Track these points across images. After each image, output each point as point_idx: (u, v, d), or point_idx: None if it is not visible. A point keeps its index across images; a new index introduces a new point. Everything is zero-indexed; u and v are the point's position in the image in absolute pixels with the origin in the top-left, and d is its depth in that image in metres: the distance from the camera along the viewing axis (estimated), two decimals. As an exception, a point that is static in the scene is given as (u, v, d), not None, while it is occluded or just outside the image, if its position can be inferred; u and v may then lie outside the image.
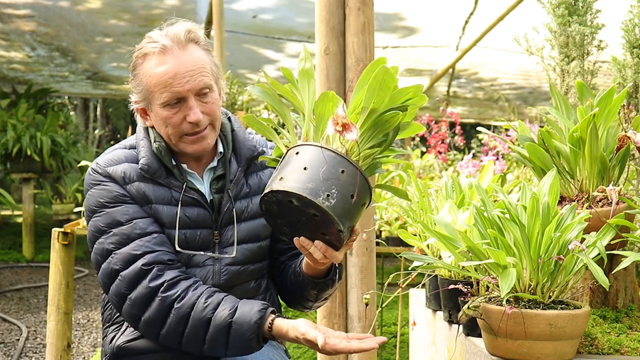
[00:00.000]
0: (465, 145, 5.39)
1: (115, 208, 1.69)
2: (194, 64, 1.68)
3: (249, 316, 1.58)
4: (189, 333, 1.61)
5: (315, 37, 2.78)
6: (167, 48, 1.67)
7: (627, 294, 1.67)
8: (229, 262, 1.75)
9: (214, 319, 1.59)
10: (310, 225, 1.45)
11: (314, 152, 1.40)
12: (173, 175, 1.75)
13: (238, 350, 1.61)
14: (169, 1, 5.97)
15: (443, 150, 4.69)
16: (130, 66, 1.75)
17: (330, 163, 1.38)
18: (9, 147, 7.54)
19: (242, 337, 1.58)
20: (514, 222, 1.41)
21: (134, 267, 1.64)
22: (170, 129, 1.70)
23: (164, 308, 1.61)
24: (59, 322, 2.41)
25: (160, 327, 1.63)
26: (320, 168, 1.37)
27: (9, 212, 10.19)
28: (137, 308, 1.63)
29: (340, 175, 1.39)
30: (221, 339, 1.59)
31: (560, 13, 2.18)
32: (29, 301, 5.89)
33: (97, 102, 17.59)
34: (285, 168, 1.42)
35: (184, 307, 1.61)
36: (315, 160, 1.39)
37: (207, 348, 1.62)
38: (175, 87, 1.66)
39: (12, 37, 6.86)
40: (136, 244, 1.65)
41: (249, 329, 1.57)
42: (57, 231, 3.06)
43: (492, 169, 2.36)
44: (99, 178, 1.73)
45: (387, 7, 5.70)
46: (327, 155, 1.39)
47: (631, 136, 1.60)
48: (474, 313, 1.43)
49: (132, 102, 1.76)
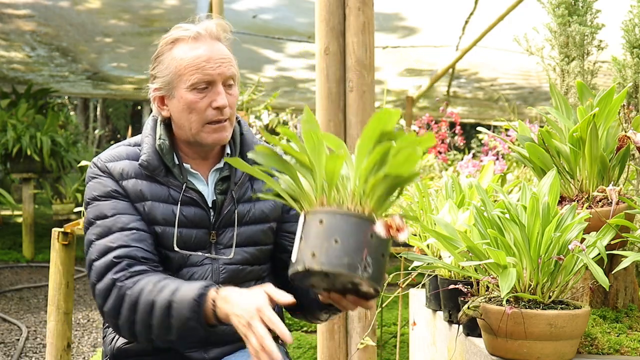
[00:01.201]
0: (465, 145, 5.38)
1: (105, 202, 1.70)
2: (225, 54, 1.73)
3: (188, 294, 1.51)
4: (139, 320, 1.57)
5: (315, 37, 2.78)
6: (200, 35, 1.72)
7: (627, 294, 1.67)
8: (227, 262, 1.75)
9: (156, 302, 1.55)
10: (345, 287, 1.42)
11: (339, 221, 1.34)
12: (172, 174, 1.75)
13: (183, 333, 1.54)
14: (169, 1, 5.97)
15: (443, 150, 4.69)
16: (154, 56, 1.77)
17: (359, 230, 1.33)
18: (9, 147, 7.54)
19: (182, 318, 1.51)
20: (514, 222, 1.41)
21: (105, 259, 1.64)
22: (194, 114, 1.71)
23: (119, 297, 1.60)
24: (59, 322, 2.41)
25: (117, 317, 1.60)
26: (350, 238, 1.32)
27: (9, 212, 10.19)
28: (100, 298, 1.63)
29: (371, 240, 1.34)
30: (165, 321, 1.54)
31: (560, 13, 2.18)
32: (29, 301, 5.89)
33: (97, 102, 17.59)
34: (312, 239, 1.35)
35: (134, 294, 1.58)
36: (343, 230, 1.33)
37: (157, 335, 1.57)
38: (207, 70, 1.68)
39: (12, 37, 6.86)
40: (114, 237, 1.66)
41: (187, 307, 1.51)
42: (57, 231, 3.06)
43: (492, 169, 2.36)
44: (97, 172, 1.74)
45: (387, 7, 5.69)
46: (355, 223, 1.34)
47: (631, 136, 1.60)
48: (474, 313, 1.43)
49: (151, 90, 1.76)
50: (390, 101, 9.97)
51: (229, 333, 1.74)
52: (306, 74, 8.06)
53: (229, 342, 1.77)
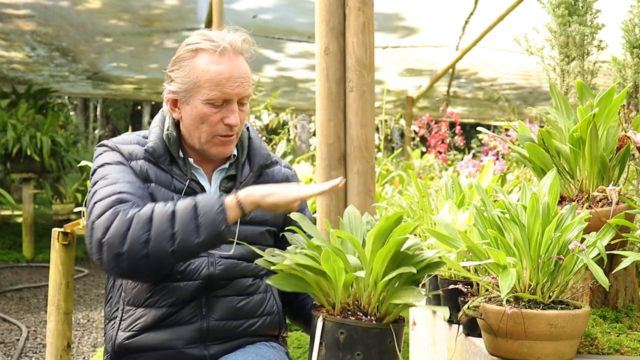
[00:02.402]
0: (465, 145, 5.39)
1: (114, 166, 1.74)
2: (245, 72, 1.76)
3: (211, 195, 1.62)
4: (155, 235, 1.56)
5: (315, 37, 2.78)
6: (226, 50, 1.74)
7: (627, 294, 1.67)
8: (224, 255, 1.77)
9: (177, 210, 1.59)
10: None
11: (361, 333, 1.43)
12: (177, 165, 1.79)
13: (210, 230, 1.57)
14: (169, 1, 5.96)
15: (443, 150, 4.69)
16: (174, 58, 1.79)
17: (379, 340, 1.43)
18: (9, 147, 7.54)
19: (210, 212, 1.57)
20: (514, 222, 1.41)
21: (109, 198, 1.63)
22: (205, 126, 1.75)
23: (125, 221, 1.58)
24: (59, 322, 2.41)
25: (123, 243, 1.56)
26: (372, 349, 1.42)
27: (9, 212, 10.19)
28: (100, 231, 1.58)
29: (389, 345, 1.45)
30: (191, 223, 1.57)
31: (560, 13, 2.18)
32: (29, 301, 5.89)
33: (97, 102, 17.59)
34: (333, 351, 1.44)
35: (145, 213, 1.59)
36: (364, 342, 1.42)
37: (179, 242, 1.56)
38: (227, 88, 1.72)
39: (12, 37, 6.86)
40: (120, 185, 1.67)
41: (214, 202, 1.59)
42: (57, 231, 3.06)
43: (492, 169, 2.36)
44: (107, 149, 1.79)
45: (387, 7, 5.69)
46: (375, 334, 1.43)
47: (631, 136, 1.60)
48: (474, 313, 1.43)
49: (166, 90, 1.79)
50: (390, 101, 9.98)
51: (228, 329, 1.76)
52: (306, 74, 8.06)
53: (229, 339, 1.78)
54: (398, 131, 13.04)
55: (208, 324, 1.75)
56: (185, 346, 1.73)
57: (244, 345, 1.80)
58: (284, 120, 8.60)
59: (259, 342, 1.83)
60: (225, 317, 1.76)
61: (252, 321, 1.81)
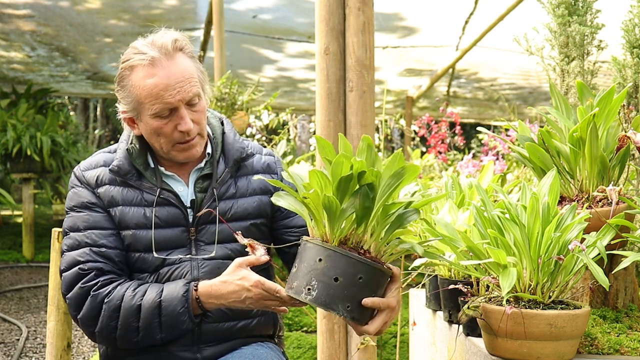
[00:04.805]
0: (465, 145, 5.39)
1: (79, 214, 1.77)
2: (183, 75, 1.70)
3: (176, 291, 1.65)
4: (122, 325, 1.66)
5: (315, 37, 2.78)
6: (155, 60, 1.68)
7: (627, 294, 1.67)
8: (207, 257, 1.77)
9: (143, 304, 1.65)
10: None
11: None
12: (145, 178, 1.78)
13: (173, 329, 1.65)
14: (169, 1, 5.96)
15: (443, 150, 4.69)
16: (116, 77, 1.76)
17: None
18: (9, 147, 7.54)
19: (173, 313, 1.63)
20: (514, 222, 1.41)
21: (72, 270, 1.71)
22: (162, 138, 1.74)
23: (95, 305, 1.67)
24: (59, 322, 2.39)
25: (94, 325, 1.68)
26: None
27: (9, 212, 10.19)
28: (73, 308, 1.71)
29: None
30: (154, 320, 1.64)
31: (560, 13, 2.18)
32: (29, 301, 5.89)
33: (97, 102, 17.58)
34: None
35: (114, 301, 1.66)
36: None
37: (142, 336, 1.65)
38: (167, 98, 1.68)
39: (12, 37, 6.86)
40: (83, 252, 1.72)
41: (178, 302, 1.63)
42: (57, 231, 3.05)
43: (492, 169, 2.36)
44: (75, 182, 1.81)
45: (387, 7, 5.70)
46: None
47: (631, 136, 1.60)
48: (474, 313, 1.43)
49: (120, 111, 1.78)
50: (390, 101, 9.98)
51: (221, 330, 1.76)
52: (306, 74, 8.06)
53: (221, 341, 1.77)
54: (398, 131, 13.05)
55: (200, 327, 1.74)
56: (177, 350, 1.73)
57: (238, 346, 1.79)
58: (284, 120, 8.60)
59: (254, 342, 1.82)
60: (218, 318, 1.76)
61: (245, 322, 1.80)
